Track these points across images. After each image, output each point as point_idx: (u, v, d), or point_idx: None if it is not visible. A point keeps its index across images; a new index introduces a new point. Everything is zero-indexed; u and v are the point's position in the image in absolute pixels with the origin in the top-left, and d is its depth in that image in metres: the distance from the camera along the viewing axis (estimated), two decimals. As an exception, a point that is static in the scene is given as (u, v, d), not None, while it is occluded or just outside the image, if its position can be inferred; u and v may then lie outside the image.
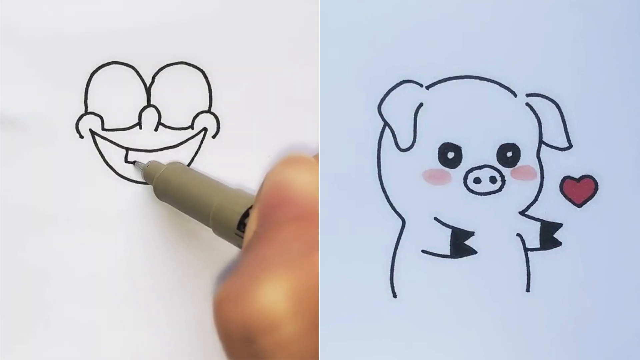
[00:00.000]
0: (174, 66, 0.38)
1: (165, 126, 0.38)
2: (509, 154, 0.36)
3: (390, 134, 0.36)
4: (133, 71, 0.37)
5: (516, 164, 0.36)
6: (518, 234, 0.36)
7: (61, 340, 0.38)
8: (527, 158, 0.36)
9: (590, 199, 0.36)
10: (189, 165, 0.38)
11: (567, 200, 0.36)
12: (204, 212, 0.32)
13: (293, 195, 0.25)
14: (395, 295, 0.36)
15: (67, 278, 0.38)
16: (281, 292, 0.22)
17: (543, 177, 0.36)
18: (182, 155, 0.38)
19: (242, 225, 0.29)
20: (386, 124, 0.36)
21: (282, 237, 0.24)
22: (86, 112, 0.38)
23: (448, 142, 0.36)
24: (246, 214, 0.29)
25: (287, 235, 0.24)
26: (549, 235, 0.36)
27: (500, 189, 0.36)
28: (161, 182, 0.36)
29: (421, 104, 0.36)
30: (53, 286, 0.38)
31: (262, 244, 0.24)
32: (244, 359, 0.23)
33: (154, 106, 0.38)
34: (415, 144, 0.36)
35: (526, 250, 0.36)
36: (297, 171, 0.25)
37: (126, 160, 0.38)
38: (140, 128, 0.38)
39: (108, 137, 0.38)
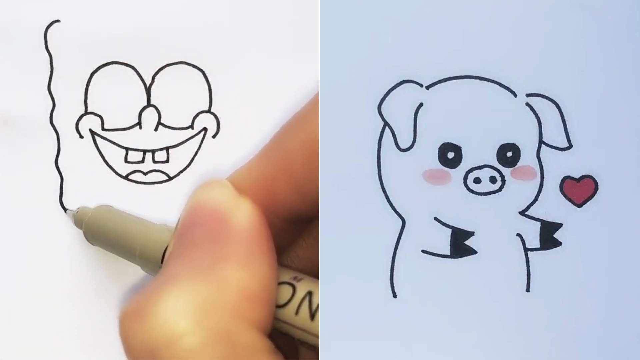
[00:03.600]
0: (174, 66, 0.38)
1: (165, 126, 0.38)
2: (509, 154, 0.36)
3: (390, 134, 0.36)
4: (133, 71, 0.37)
5: (516, 164, 0.36)
6: (518, 234, 0.36)
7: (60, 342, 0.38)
8: (527, 158, 0.36)
9: (590, 199, 0.36)
10: (189, 163, 0.38)
11: (567, 200, 0.36)
12: (131, 252, 0.32)
13: (204, 215, 0.25)
14: (395, 295, 0.36)
15: (66, 278, 0.38)
16: (182, 304, 0.22)
17: (543, 177, 0.36)
18: (182, 155, 0.38)
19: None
20: (386, 124, 0.36)
21: (191, 255, 0.24)
22: (86, 112, 0.38)
23: (448, 142, 0.36)
24: None
25: (196, 253, 0.24)
26: (549, 235, 0.36)
27: (500, 189, 0.36)
28: (89, 227, 0.35)
29: (421, 104, 0.36)
30: (51, 286, 0.38)
31: (172, 262, 0.25)
32: None
33: (154, 106, 0.38)
34: (415, 144, 0.36)
35: (526, 250, 0.36)
36: (208, 193, 0.26)
37: (126, 160, 0.38)
38: (140, 128, 0.38)
39: (108, 137, 0.38)
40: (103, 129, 0.38)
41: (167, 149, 0.38)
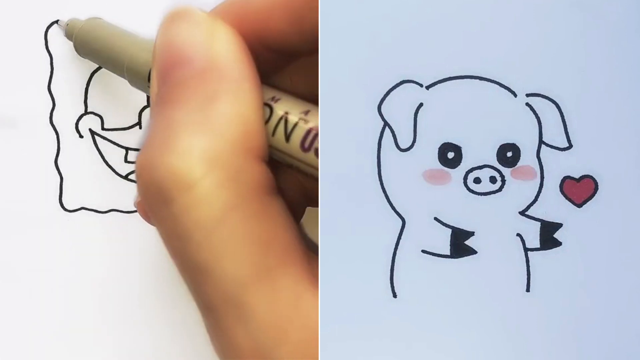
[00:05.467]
0: (174, 66, 0.38)
1: (165, 126, 0.38)
2: (509, 154, 0.36)
3: (390, 134, 0.36)
4: (133, 71, 0.37)
5: (516, 164, 0.36)
6: (518, 234, 0.36)
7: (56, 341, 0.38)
8: (527, 158, 0.36)
9: (590, 199, 0.36)
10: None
11: (567, 200, 0.36)
12: (119, 65, 0.31)
13: (186, 53, 0.24)
14: (395, 295, 0.36)
15: (65, 278, 0.38)
16: (192, 151, 0.22)
17: (543, 177, 0.36)
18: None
19: None
20: (386, 124, 0.36)
21: (183, 96, 0.24)
22: (86, 112, 0.38)
23: (448, 142, 0.36)
24: None
25: (187, 94, 0.24)
26: (549, 235, 0.36)
27: (500, 189, 0.36)
28: (79, 39, 0.35)
29: (421, 104, 0.36)
30: (50, 286, 0.38)
31: (166, 106, 0.24)
32: (166, 225, 0.23)
33: (154, 106, 0.38)
34: (415, 144, 0.36)
35: (526, 250, 0.36)
36: (184, 27, 0.25)
37: (126, 160, 0.38)
38: (140, 128, 0.38)
39: (108, 137, 0.38)
40: (103, 128, 0.38)
41: (167, 149, 0.38)
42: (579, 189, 0.36)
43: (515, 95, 0.36)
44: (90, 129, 0.38)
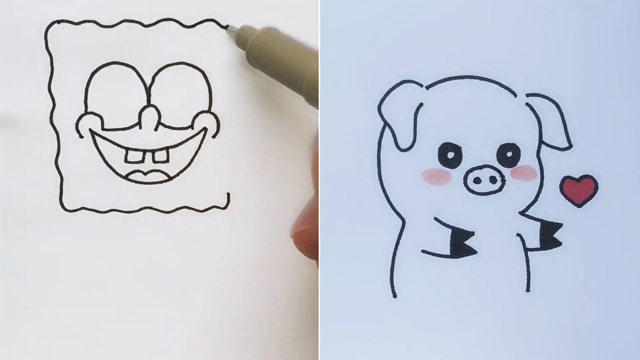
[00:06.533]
0: (174, 66, 0.38)
1: (165, 126, 0.38)
2: (509, 154, 0.36)
3: (390, 134, 0.36)
4: (133, 71, 0.38)
5: (516, 164, 0.36)
6: (518, 234, 0.36)
7: (62, 340, 0.38)
8: (527, 158, 0.36)
9: (590, 199, 0.36)
10: (189, 163, 0.38)
11: (567, 200, 0.36)
12: (297, 81, 0.31)
13: None
14: (395, 295, 0.36)
15: (65, 278, 0.38)
16: None
17: (543, 177, 0.36)
18: (182, 155, 0.38)
19: None
20: (386, 124, 0.36)
21: None
22: (86, 112, 0.38)
23: (448, 142, 0.36)
24: None
25: None
26: (549, 235, 0.36)
27: (500, 189, 0.36)
28: (253, 49, 0.35)
29: (421, 104, 0.36)
30: (50, 286, 0.38)
31: None
32: None
33: (154, 106, 0.38)
34: (415, 144, 0.36)
35: (526, 250, 0.36)
36: None
37: (126, 160, 0.38)
38: (140, 128, 0.38)
39: (108, 137, 0.38)
40: (103, 128, 0.38)
41: (167, 149, 0.38)
42: (579, 189, 0.36)
43: (515, 95, 0.36)
44: (90, 129, 0.38)
